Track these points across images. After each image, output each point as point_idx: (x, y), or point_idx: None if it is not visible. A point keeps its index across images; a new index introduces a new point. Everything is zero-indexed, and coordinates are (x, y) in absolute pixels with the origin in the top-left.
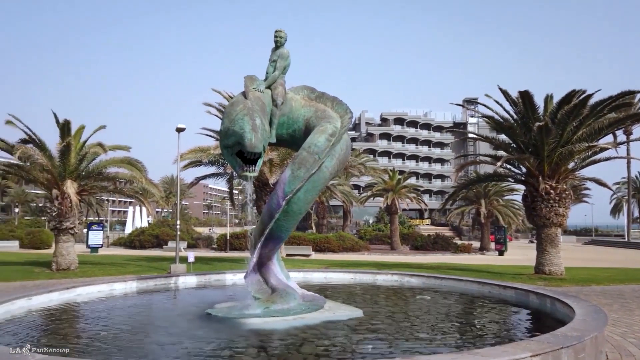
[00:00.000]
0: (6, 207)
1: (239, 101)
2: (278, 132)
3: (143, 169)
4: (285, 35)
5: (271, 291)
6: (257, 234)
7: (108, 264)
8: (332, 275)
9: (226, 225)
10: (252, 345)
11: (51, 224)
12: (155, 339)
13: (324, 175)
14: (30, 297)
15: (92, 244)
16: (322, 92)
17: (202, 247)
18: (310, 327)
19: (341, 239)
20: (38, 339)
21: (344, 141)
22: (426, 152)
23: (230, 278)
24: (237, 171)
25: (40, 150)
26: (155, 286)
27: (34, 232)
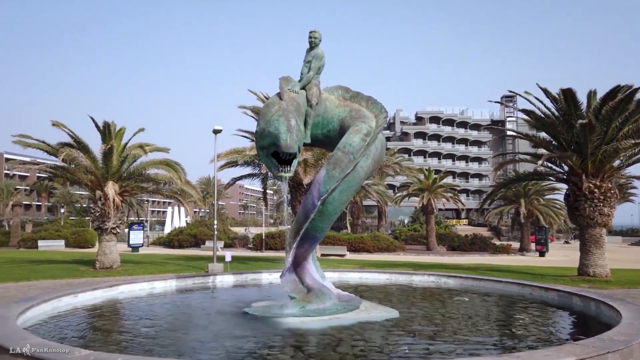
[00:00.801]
0: (52, 207)
1: (274, 102)
2: (313, 133)
3: (181, 170)
4: (320, 35)
5: (307, 291)
6: (293, 234)
7: (148, 263)
8: (368, 275)
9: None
10: (288, 345)
11: (95, 224)
12: (194, 337)
13: (359, 175)
14: (76, 294)
15: (133, 243)
16: (356, 92)
17: (239, 246)
18: (346, 327)
19: (376, 239)
20: (83, 334)
21: (379, 141)
22: (463, 151)
23: (266, 277)
24: (273, 171)
25: (83, 153)
26: (194, 285)
27: (78, 231)
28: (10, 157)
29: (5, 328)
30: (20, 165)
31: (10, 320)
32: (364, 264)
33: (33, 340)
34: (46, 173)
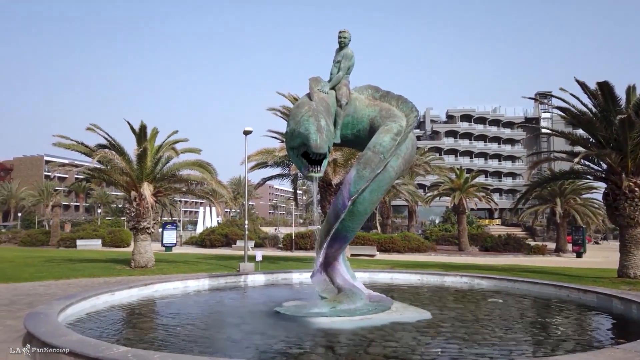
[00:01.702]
0: (90, 208)
1: (304, 103)
2: (342, 133)
3: (213, 171)
4: (350, 35)
5: (337, 291)
6: (323, 234)
7: (181, 262)
8: (398, 276)
9: (291, 225)
10: (320, 344)
11: (130, 224)
12: (227, 335)
13: (390, 174)
14: (113, 292)
15: (166, 243)
16: (386, 91)
17: (269, 246)
18: (377, 328)
19: (406, 239)
20: (120, 331)
21: (410, 140)
22: (495, 149)
23: (297, 277)
24: (303, 172)
25: (119, 155)
26: (226, 284)
27: (114, 231)
28: (50, 159)
29: (48, 324)
30: (60, 167)
31: (52, 317)
32: (394, 265)
33: (73, 337)
34: (84, 174)
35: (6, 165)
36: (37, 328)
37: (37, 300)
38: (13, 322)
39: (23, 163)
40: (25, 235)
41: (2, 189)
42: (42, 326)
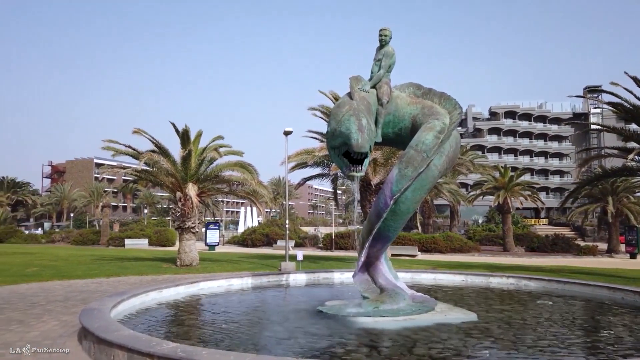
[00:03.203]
0: (137, 208)
1: (345, 102)
2: (384, 131)
3: (254, 171)
4: (390, 33)
5: (380, 291)
6: (365, 234)
7: (225, 261)
8: (442, 276)
9: (331, 225)
10: (363, 344)
11: (175, 224)
12: (271, 333)
13: (433, 173)
14: (160, 290)
15: (209, 242)
16: (428, 89)
17: (309, 245)
18: (421, 328)
19: (449, 239)
20: (168, 327)
21: (454, 138)
22: (542, 147)
23: (338, 277)
24: (344, 171)
25: (164, 157)
26: (268, 282)
27: (160, 231)
28: (100, 161)
29: (101, 320)
30: (110, 169)
31: (104, 313)
32: (436, 265)
33: (126, 332)
34: (131, 176)
35: (59, 168)
36: (91, 323)
37: (90, 297)
38: (68, 317)
39: (75, 166)
40: (77, 234)
41: (56, 190)
42: (96, 322)
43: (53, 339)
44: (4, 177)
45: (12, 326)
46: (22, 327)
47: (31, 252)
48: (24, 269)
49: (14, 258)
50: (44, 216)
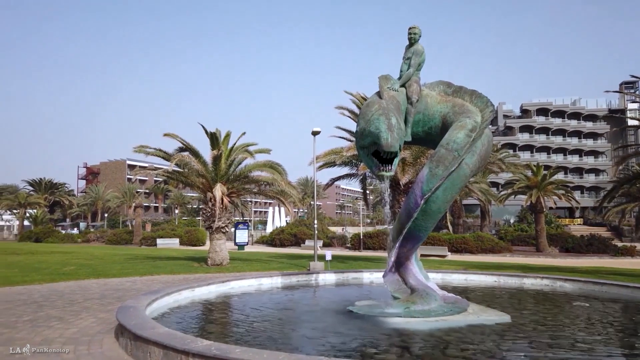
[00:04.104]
0: (168, 208)
1: (374, 101)
2: (413, 130)
3: (283, 171)
4: (420, 31)
5: (410, 291)
6: (395, 234)
7: (254, 260)
8: (473, 277)
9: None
10: (395, 345)
11: (206, 224)
12: (302, 333)
13: (464, 172)
14: (193, 288)
15: (239, 242)
16: (459, 86)
17: (337, 245)
18: (454, 329)
19: (479, 239)
20: (201, 325)
21: (485, 136)
22: (576, 144)
23: (368, 277)
24: (374, 171)
25: (195, 158)
26: (298, 282)
27: (190, 230)
28: (132, 163)
29: (137, 318)
30: (142, 171)
31: (140, 311)
32: (467, 265)
33: (161, 330)
34: (162, 177)
35: (94, 170)
36: (128, 321)
37: (124, 295)
38: (105, 315)
39: (108, 167)
40: (111, 234)
41: (90, 191)
42: (132, 319)
43: (91, 335)
44: (42, 179)
45: (52, 323)
46: (62, 324)
47: (68, 252)
48: (62, 268)
49: (52, 257)
50: (80, 216)
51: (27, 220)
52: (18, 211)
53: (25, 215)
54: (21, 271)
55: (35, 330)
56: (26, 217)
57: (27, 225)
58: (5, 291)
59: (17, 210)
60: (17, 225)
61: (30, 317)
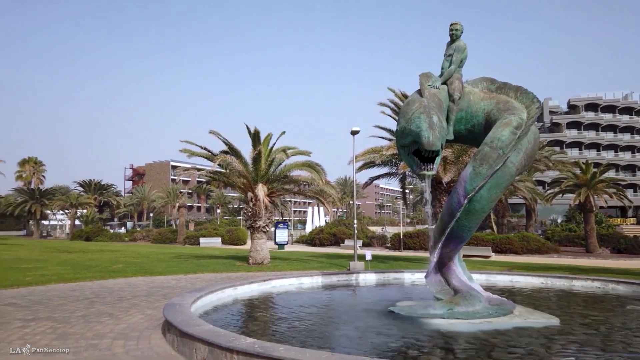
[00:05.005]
0: (210, 208)
1: (414, 100)
2: (456, 128)
3: (322, 171)
4: (462, 27)
5: (454, 292)
6: (437, 234)
7: (294, 260)
8: (519, 278)
9: (398, 225)
10: (438, 346)
11: (247, 223)
12: (343, 332)
13: (510, 171)
14: (235, 287)
15: (279, 241)
16: (503, 83)
17: (376, 245)
18: (499, 332)
19: (525, 239)
20: (244, 323)
21: (532, 133)
22: (628, 141)
23: (409, 277)
24: (415, 170)
25: (237, 158)
26: (338, 282)
27: (232, 230)
28: (175, 164)
29: (183, 315)
30: (185, 171)
31: (185, 308)
32: (512, 266)
33: (206, 327)
34: (205, 177)
35: (139, 171)
36: (174, 317)
37: (170, 293)
38: (152, 312)
39: (153, 168)
40: (156, 233)
41: (136, 192)
42: (178, 316)
43: (139, 331)
44: (91, 180)
45: (103, 318)
46: (112, 320)
47: (116, 250)
48: (111, 266)
49: (102, 255)
50: (126, 216)
51: (78, 219)
52: (69, 211)
53: (76, 215)
54: (73, 269)
55: (88, 325)
56: (77, 217)
57: (77, 224)
58: (59, 287)
59: (68, 210)
60: (68, 224)
61: (83, 313)
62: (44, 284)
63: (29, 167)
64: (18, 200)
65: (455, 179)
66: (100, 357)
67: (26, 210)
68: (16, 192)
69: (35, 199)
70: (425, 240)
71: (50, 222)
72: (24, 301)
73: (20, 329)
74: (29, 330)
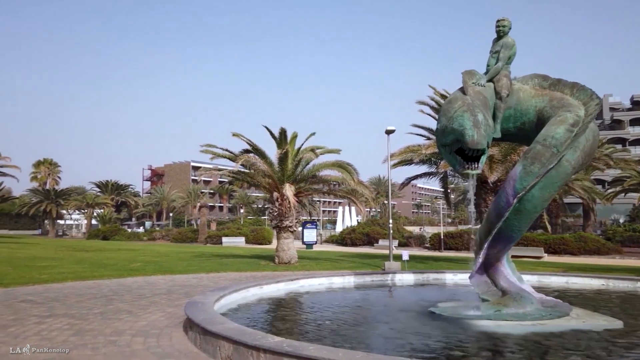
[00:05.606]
0: (233, 208)
1: (457, 98)
2: (504, 126)
3: (353, 171)
4: (510, 24)
5: (501, 293)
6: (483, 234)
7: (323, 259)
8: (576, 280)
9: (437, 225)
10: (485, 348)
11: (273, 223)
12: (378, 332)
13: (565, 169)
14: (261, 286)
15: (307, 241)
16: (557, 79)
17: (414, 245)
18: (554, 334)
19: (582, 240)
20: (270, 322)
21: (591, 131)
22: None
23: (451, 278)
24: (458, 169)
25: (261, 158)
26: (372, 282)
27: (256, 229)
28: (196, 164)
29: (206, 313)
30: (207, 172)
31: (208, 307)
32: (567, 268)
33: (231, 325)
34: (227, 178)
35: (158, 171)
36: (196, 315)
37: (192, 291)
38: (173, 310)
39: (172, 169)
40: (176, 232)
41: (155, 192)
42: (200, 314)
43: (160, 328)
44: (108, 181)
45: (122, 316)
46: (131, 317)
47: (134, 249)
48: (129, 264)
49: (119, 254)
50: (145, 216)
51: (94, 219)
52: (86, 211)
53: (93, 214)
54: (90, 267)
55: (106, 322)
56: (94, 217)
57: (94, 224)
58: (76, 285)
59: (85, 210)
60: (85, 224)
61: (101, 310)
62: (60, 282)
63: (44, 168)
64: (33, 201)
65: (503, 179)
66: (119, 353)
67: (41, 210)
68: (31, 192)
69: (51, 199)
70: (468, 241)
71: (66, 222)
72: (40, 298)
73: (37, 325)
74: (45, 326)
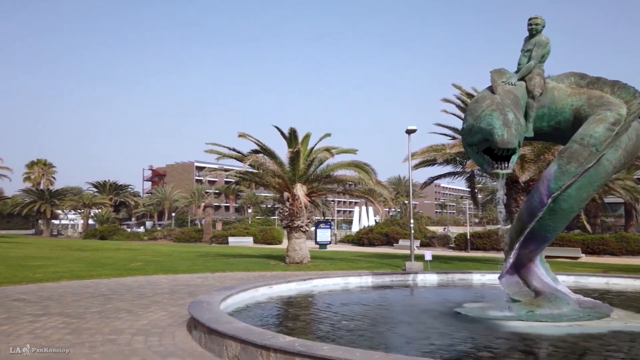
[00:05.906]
0: (240, 208)
1: (484, 97)
2: (537, 125)
3: (371, 171)
4: (543, 22)
5: (534, 294)
6: (514, 234)
7: (339, 259)
8: (617, 280)
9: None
10: (517, 349)
11: (283, 223)
12: (399, 333)
13: (605, 169)
14: (271, 285)
15: (320, 241)
16: (596, 77)
17: (437, 246)
18: (592, 336)
19: (623, 240)
20: (282, 322)
21: (634, 129)
22: None
23: (478, 278)
24: (486, 169)
25: (270, 158)
26: (392, 282)
27: (265, 229)
28: (200, 165)
29: (212, 312)
30: (212, 172)
31: (214, 306)
32: (607, 268)
33: (238, 325)
34: (234, 178)
35: (159, 172)
36: (201, 315)
37: (196, 291)
38: (176, 309)
39: (175, 169)
40: (179, 232)
41: (156, 192)
42: (206, 314)
43: (162, 327)
44: (106, 181)
45: (121, 315)
46: (131, 316)
47: (134, 249)
48: (129, 264)
49: (118, 253)
50: (145, 216)
51: (91, 219)
52: (82, 211)
53: (90, 214)
54: (87, 266)
55: (104, 321)
56: (90, 216)
57: (91, 224)
58: (71, 284)
59: (81, 210)
60: (81, 223)
61: (99, 309)
62: (55, 281)
63: (37, 168)
64: (26, 201)
65: (535, 178)
66: (118, 352)
67: (35, 210)
68: (24, 192)
69: (45, 199)
70: (498, 241)
71: (61, 222)
72: (34, 297)
73: (30, 324)
74: (40, 324)
